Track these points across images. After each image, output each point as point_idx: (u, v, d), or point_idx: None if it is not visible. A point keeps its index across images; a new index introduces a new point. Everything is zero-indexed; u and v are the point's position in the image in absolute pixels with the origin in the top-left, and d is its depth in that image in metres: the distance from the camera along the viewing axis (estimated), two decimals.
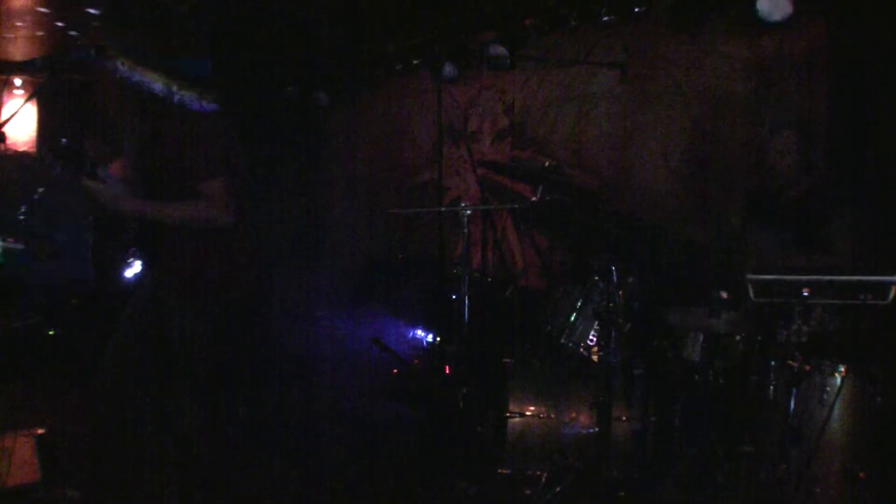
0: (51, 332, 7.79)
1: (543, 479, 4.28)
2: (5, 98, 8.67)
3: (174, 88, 3.62)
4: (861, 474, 3.47)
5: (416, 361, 6.31)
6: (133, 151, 3.87)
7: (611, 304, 3.92)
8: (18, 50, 8.30)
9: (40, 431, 4.93)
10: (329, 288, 7.31)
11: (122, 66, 3.57)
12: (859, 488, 3.48)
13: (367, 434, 5.68)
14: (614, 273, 3.89)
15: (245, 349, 4.79)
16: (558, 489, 4.20)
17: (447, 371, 5.26)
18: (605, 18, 6.14)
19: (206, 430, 4.03)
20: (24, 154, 8.67)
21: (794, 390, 3.57)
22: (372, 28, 7.71)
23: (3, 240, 6.80)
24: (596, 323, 4.32)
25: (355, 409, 6.30)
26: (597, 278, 4.25)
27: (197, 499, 4.22)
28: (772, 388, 3.74)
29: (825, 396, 3.55)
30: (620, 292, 3.92)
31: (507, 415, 4.42)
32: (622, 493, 4.12)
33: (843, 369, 3.54)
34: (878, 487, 3.46)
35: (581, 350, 4.50)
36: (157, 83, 3.61)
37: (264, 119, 8.24)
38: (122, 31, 3.67)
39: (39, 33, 7.67)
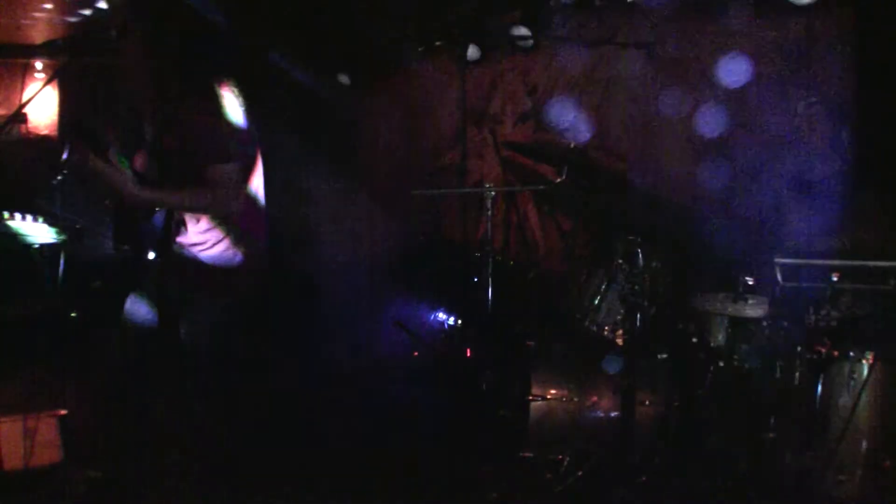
0: (73, 315, 7.83)
1: (565, 463, 4.26)
2: (27, 82, 8.68)
3: None
4: (886, 463, 3.43)
5: (438, 344, 6.29)
6: (151, 134, 3.86)
7: (636, 288, 3.89)
8: (39, 33, 8.31)
9: (62, 413, 4.96)
10: (350, 271, 7.30)
11: None
12: (884, 477, 3.44)
13: (388, 417, 5.68)
14: (640, 256, 3.86)
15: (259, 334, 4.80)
16: (580, 473, 4.18)
17: (469, 354, 5.24)
18: None
19: (220, 417, 4.04)
20: (45, 138, 8.69)
21: (821, 377, 3.53)
22: (393, 10, 7.67)
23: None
24: (620, 306, 4.28)
25: (376, 392, 6.30)
26: (621, 261, 4.20)
27: (213, 481, 4.25)
28: (798, 374, 3.70)
29: (852, 383, 3.51)
30: (645, 276, 3.88)
31: (530, 398, 4.40)
32: (644, 479, 4.09)
33: (870, 356, 3.50)
34: None
35: (605, 334, 4.47)
36: None
37: (282, 102, 8.22)
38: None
39: (61, 15, 7.67)
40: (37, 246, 7.48)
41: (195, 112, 3.62)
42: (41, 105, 8.67)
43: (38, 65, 8.68)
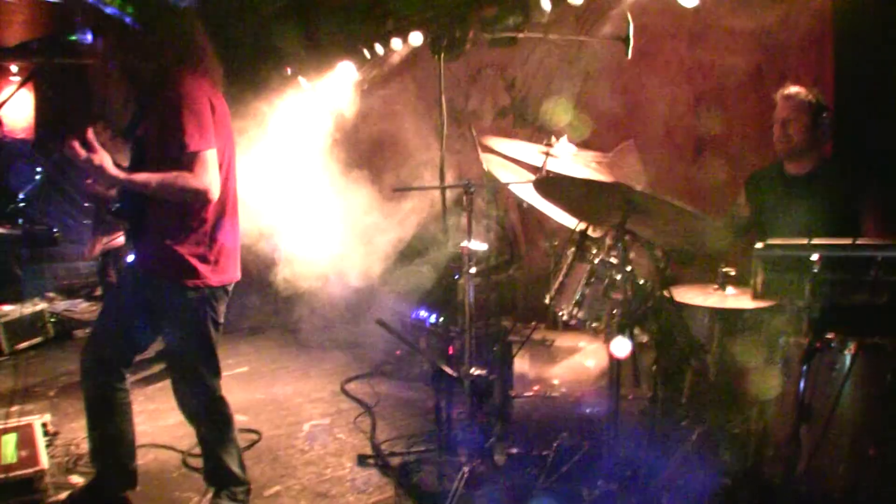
0: (53, 319, 7.78)
1: (549, 459, 4.25)
2: (3, 85, 8.62)
3: None
4: (871, 451, 3.43)
5: (420, 342, 6.27)
6: (128, 127, 3.86)
7: (617, 281, 3.87)
8: (14, 35, 8.23)
9: (45, 418, 4.93)
10: (331, 269, 7.28)
11: None
12: (869, 465, 3.44)
13: (371, 415, 5.66)
14: (621, 249, 3.84)
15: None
16: (564, 469, 4.17)
17: (451, 351, 5.22)
18: None
19: (202, 409, 4.04)
20: (22, 141, 8.63)
21: (804, 366, 3.53)
22: (370, 4, 7.64)
23: None
24: (603, 300, 4.27)
25: (358, 390, 6.28)
26: (603, 255, 4.19)
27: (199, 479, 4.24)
28: (780, 364, 3.70)
29: (835, 373, 3.51)
30: (627, 269, 3.87)
31: (513, 394, 4.39)
32: (628, 473, 4.09)
33: (853, 345, 3.50)
34: (888, 464, 3.42)
35: (587, 327, 4.46)
36: None
37: (260, 98, 8.18)
38: None
39: (35, 17, 7.61)
40: (17, 250, 7.44)
41: (172, 100, 3.63)
42: (17, 108, 8.62)
43: (14, 68, 8.63)
